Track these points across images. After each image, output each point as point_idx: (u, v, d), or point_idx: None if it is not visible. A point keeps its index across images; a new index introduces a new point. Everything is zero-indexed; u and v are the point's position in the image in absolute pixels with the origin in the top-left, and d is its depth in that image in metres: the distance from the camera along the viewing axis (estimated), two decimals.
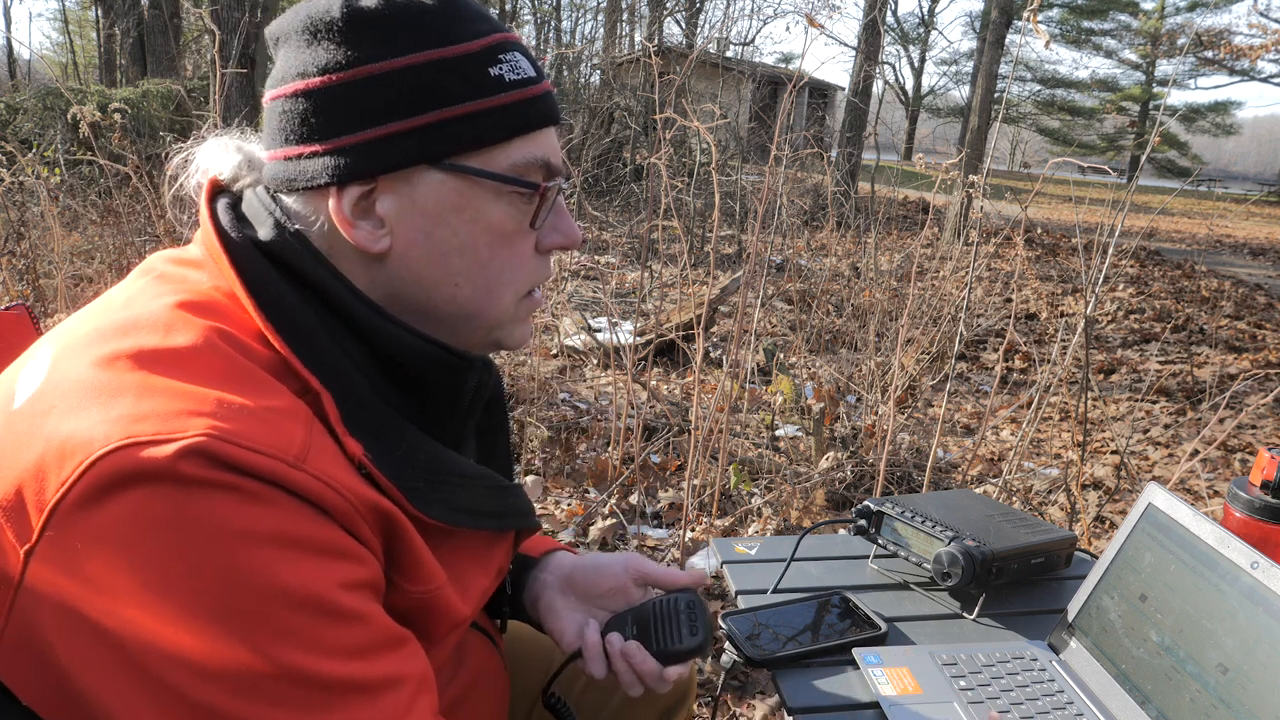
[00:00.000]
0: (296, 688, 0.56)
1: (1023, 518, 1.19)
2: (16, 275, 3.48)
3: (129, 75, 11.28)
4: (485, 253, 0.70)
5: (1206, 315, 6.64)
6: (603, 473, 3.02)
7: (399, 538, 0.65)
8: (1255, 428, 4.12)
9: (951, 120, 34.76)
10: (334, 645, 0.57)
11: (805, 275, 6.60)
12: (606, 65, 13.14)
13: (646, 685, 0.84)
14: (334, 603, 0.57)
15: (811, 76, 4.30)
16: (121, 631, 0.53)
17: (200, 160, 0.75)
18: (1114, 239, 2.33)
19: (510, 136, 0.68)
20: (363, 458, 0.62)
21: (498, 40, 0.69)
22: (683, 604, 0.87)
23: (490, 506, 0.74)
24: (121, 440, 0.54)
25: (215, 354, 0.61)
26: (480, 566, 0.77)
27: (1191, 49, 26.98)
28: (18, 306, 0.95)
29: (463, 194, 0.68)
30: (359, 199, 0.67)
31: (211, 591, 0.53)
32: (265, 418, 0.58)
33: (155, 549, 0.53)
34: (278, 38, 0.70)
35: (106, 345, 0.60)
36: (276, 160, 0.69)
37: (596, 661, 0.85)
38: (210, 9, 7.50)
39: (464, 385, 0.72)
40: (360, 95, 0.65)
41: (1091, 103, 34.22)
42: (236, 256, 0.66)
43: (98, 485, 0.53)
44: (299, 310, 0.65)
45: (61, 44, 27.31)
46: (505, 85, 0.68)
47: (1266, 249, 12.66)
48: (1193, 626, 0.84)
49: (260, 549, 0.55)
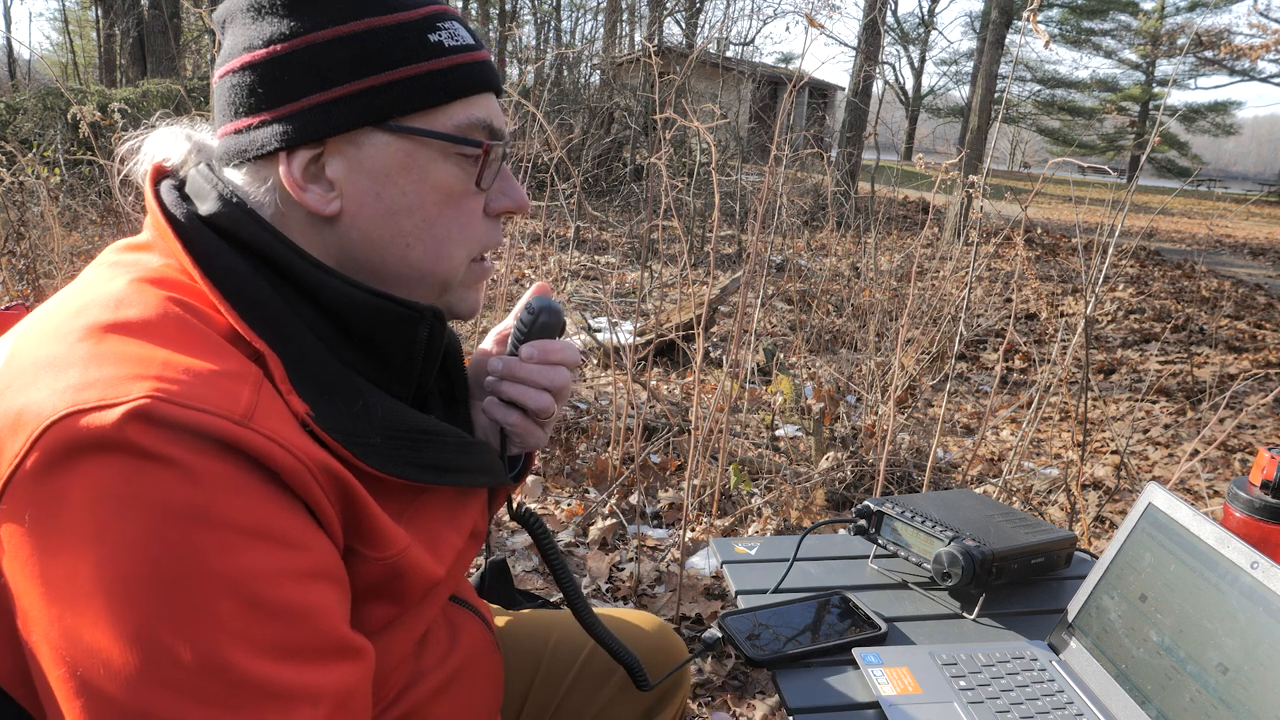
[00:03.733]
0: (214, 681, 0.54)
1: (1023, 518, 1.19)
2: (16, 275, 3.48)
3: (129, 75, 11.29)
4: (433, 212, 0.72)
5: (1206, 315, 6.64)
6: (603, 473, 3.02)
7: (353, 501, 0.64)
8: (1255, 428, 4.12)
9: (951, 120, 34.77)
10: (263, 642, 0.56)
11: (805, 275, 6.61)
12: (606, 65, 13.15)
13: (531, 382, 0.82)
14: (271, 596, 0.56)
15: (811, 76, 4.30)
16: (50, 612, 0.53)
17: (149, 148, 0.76)
18: (1114, 239, 2.33)
19: (451, 99, 0.71)
20: (305, 416, 0.62)
21: (435, 10, 0.72)
22: (524, 313, 0.85)
23: (456, 463, 0.74)
24: (67, 409, 0.54)
25: (168, 320, 0.61)
26: (451, 526, 0.76)
27: (1191, 49, 26.99)
28: (18, 306, 0.95)
29: (409, 154, 0.70)
30: (308, 163, 0.69)
31: (141, 570, 0.53)
32: (211, 379, 0.58)
33: (94, 524, 0.53)
34: (224, 20, 0.72)
35: (61, 325, 0.61)
36: (228, 135, 0.71)
37: (498, 408, 0.84)
38: (210, 9, 7.49)
39: (415, 336, 0.72)
40: (305, 62, 0.67)
41: (1091, 103, 34.24)
42: (182, 231, 0.67)
43: (49, 456, 0.53)
44: (247, 278, 0.66)
45: (61, 44, 27.35)
46: (445, 50, 0.71)
47: (1266, 249, 12.67)
48: (1193, 626, 0.84)
49: (200, 530, 0.54)
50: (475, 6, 20.00)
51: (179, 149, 0.75)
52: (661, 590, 2.36)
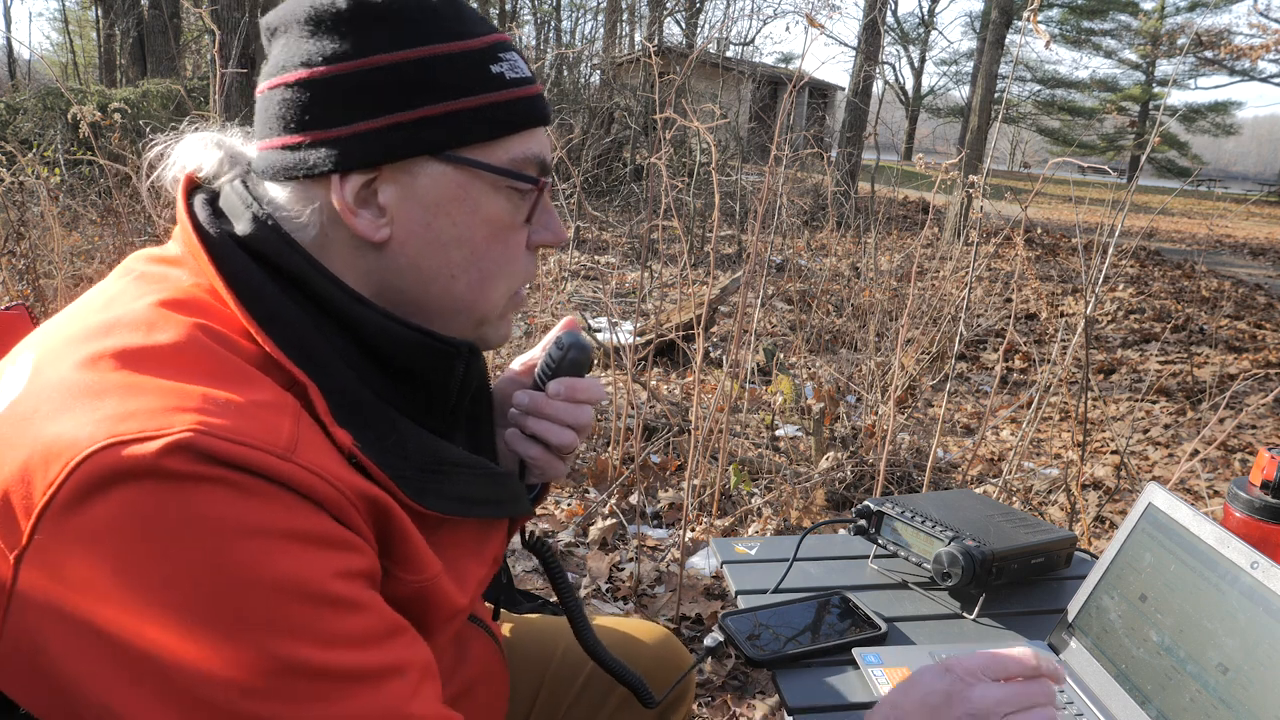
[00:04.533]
0: (301, 680, 0.55)
1: (1023, 518, 1.19)
2: (16, 275, 3.48)
3: (129, 75, 11.28)
4: (482, 245, 0.71)
5: (1206, 315, 6.64)
6: (603, 473, 3.02)
7: (393, 527, 0.64)
8: (1255, 428, 4.12)
9: (951, 120, 34.76)
10: (335, 635, 0.57)
11: (805, 275, 6.61)
12: (606, 65, 13.15)
13: (556, 419, 0.82)
14: (332, 592, 0.57)
15: (811, 76, 4.30)
16: (121, 637, 0.53)
17: (178, 156, 0.74)
18: (1114, 239, 2.33)
19: (510, 132, 0.70)
20: (353, 448, 0.62)
21: (498, 40, 0.71)
22: (553, 347, 0.85)
23: (484, 494, 0.74)
24: (107, 439, 0.53)
25: (199, 350, 0.60)
26: (475, 555, 0.76)
27: (1191, 49, 26.98)
28: (18, 306, 0.95)
29: (463, 186, 0.69)
30: (361, 187, 0.67)
31: (205, 590, 0.53)
32: (251, 412, 0.57)
33: (144, 549, 0.52)
34: (275, 28, 0.70)
35: (89, 346, 0.59)
36: (271, 149, 0.69)
37: (518, 441, 0.84)
38: (210, 9, 7.50)
39: (452, 372, 0.72)
40: (366, 85, 0.66)
41: (1091, 103, 34.23)
42: (216, 252, 0.66)
43: (84, 486, 0.52)
44: (280, 303, 0.65)
45: (61, 44, 27.32)
46: (506, 83, 0.69)
47: (1266, 249, 12.67)
48: (1193, 626, 0.84)
49: (252, 541, 0.54)
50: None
51: (210, 158, 0.73)
52: (661, 590, 2.36)
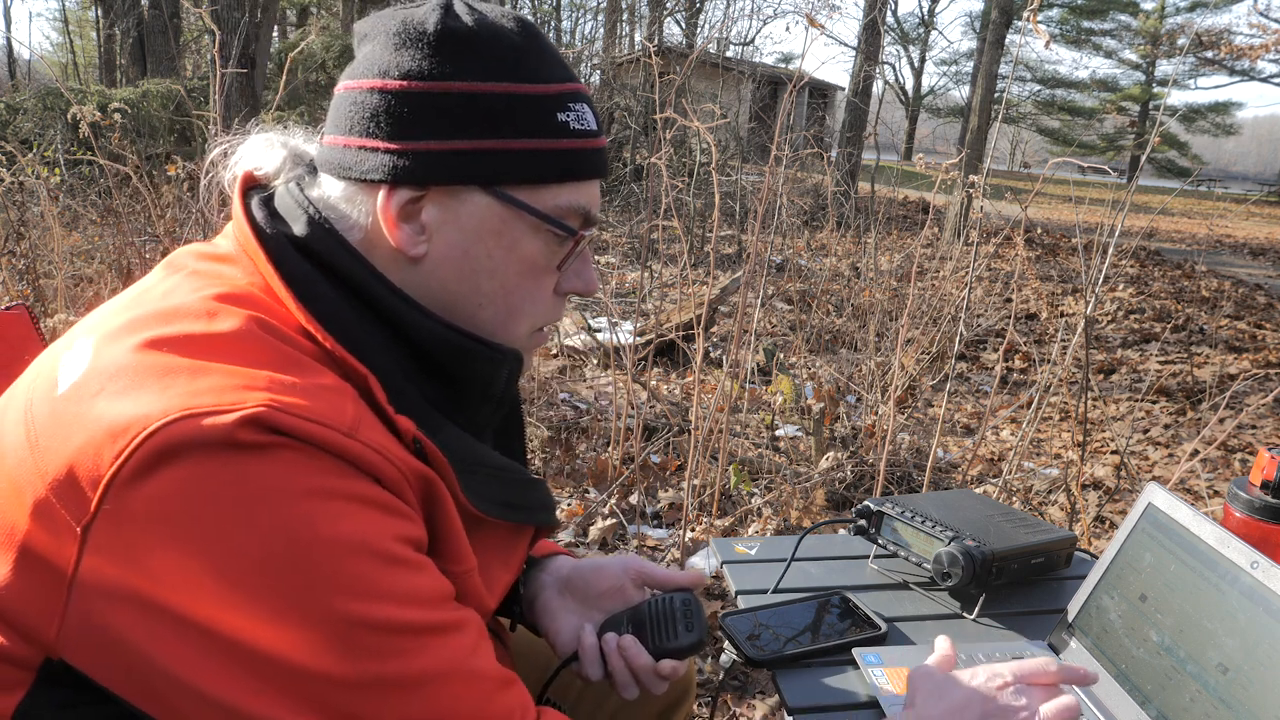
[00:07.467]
0: (378, 636, 0.58)
1: (1023, 518, 1.19)
2: (16, 275, 3.47)
3: (129, 75, 11.26)
4: (512, 281, 0.73)
5: (1206, 315, 6.64)
6: (603, 473, 3.02)
7: (441, 513, 0.66)
8: (1255, 428, 4.12)
9: (951, 120, 34.74)
10: (404, 592, 0.59)
11: (805, 275, 6.60)
12: (606, 65, 13.14)
13: (641, 684, 0.84)
14: (395, 552, 0.59)
15: (811, 76, 4.30)
16: (190, 610, 0.54)
17: (243, 154, 0.77)
18: (1114, 239, 2.33)
19: (562, 180, 0.72)
20: (418, 433, 0.65)
21: (571, 89, 0.72)
22: (679, 602, 0.87)
23: (517, 499, 0.76)
24: (181, 412, 0.55)
25: (259, 340, 0.63)
26: (502, 561, 0.78)
27: (1191, 49, 26.98)
28: (18, 306, 0.95)
29: (505, 221, 0.71)
30: (407, 202, 0.69)
31: (276, 554, 0.55)
32: (316, 393, 0.60)
33: (214, 514, 0.54)
34: (365, 33, 0.73)
35: (152, 331, 0.61)
36: (335, 145, 0.71)
37: (593, 664, 0.85)
38: (210, 9, 7.50)
39: (498, 377, 0.74)
40: (435, 107, 0.68)
41: (1091, 103, 34.22)
42: (273, 252, 0.68)
43: (154, 454, 0.54)
44: (336, 304, 0.67)
45: (61, 44, 27.31)
46: (569, 132, 0.71)
47: (1266, 249, 12.66)
48: (1193, 626, 0.84)
49: (316, 502, 0.56)
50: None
51: (274, 158, 0.75)
52: None
